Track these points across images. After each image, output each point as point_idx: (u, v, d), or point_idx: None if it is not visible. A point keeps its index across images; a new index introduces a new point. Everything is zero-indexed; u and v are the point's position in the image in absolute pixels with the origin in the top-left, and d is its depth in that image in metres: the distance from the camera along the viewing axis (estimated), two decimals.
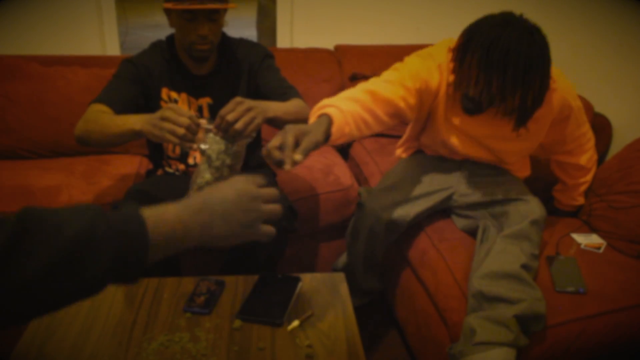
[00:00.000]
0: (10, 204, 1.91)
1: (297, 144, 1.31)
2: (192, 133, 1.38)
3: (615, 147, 2.36)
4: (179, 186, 1.75)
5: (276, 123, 1.58)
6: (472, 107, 1.66)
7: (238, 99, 1.42)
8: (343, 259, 1.99)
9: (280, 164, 1.29)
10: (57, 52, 2.61)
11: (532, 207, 1.70)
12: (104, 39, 2.73)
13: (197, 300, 1.43)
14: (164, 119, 1.37)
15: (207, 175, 1.44)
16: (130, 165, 2.22)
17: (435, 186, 1.87)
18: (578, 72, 2.56)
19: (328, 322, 1.38)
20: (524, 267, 1.56)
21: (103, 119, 1.57)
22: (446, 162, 1.93)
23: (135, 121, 1.47)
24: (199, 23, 1.63)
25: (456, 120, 1.76)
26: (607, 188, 1.94)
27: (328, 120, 1.42)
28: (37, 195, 1.95)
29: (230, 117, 1.38)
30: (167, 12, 1.70)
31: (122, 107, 1.63)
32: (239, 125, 1.38)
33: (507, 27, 1.47)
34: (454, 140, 1.81)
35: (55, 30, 2.64)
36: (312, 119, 1.46)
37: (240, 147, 1.46)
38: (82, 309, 1.40)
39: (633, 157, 1.93)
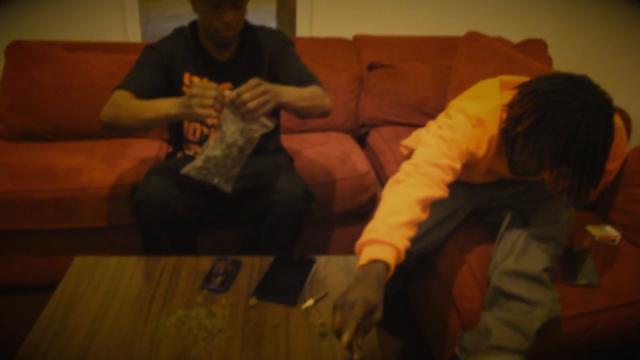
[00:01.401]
0: (34, 183, 1.96)
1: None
2: (219, 103, 1.43)
3: (635, 141, 2.35)
4: None
5: (290, 108, 1.60)
6: (523, 173, 1.56)
7: (257, 79, 1.45)
8: None
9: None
10: (80, 38, 2.66)
11: (563, 205, 1.67)
12: (125, 26, 2.77)
13: (214, 279, 1.46)
14: (192, 96, 1.42)
15: (217, 151, 1.47)
16: (150, 149, 2.26)
17: (458, 203, 1.76)
18: (598, 66, 2.54)
19: None
20: (546, 269, 1.54)
21: (134, 104, 1.60)
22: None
23: (169, 106, 1.51)
24: (224, 10, 1.65)
25: (498, 169, 1.63)
26: (625, 180, 1.93)
27: (385, 270, 1.19)
28: (59, 176, 1.99)
29: (245, 96, 1.41)
30: None
31: (145, 93, 1.66)
32: (252, 104, 1.41)
33: (586, 111, 1.28)
34: (487, 178, 1.71)
35: (79, 16, 2.69)
36: (362, 256, 1.22)
37: (255, 134, 1.48)
38: (102, 284, 1.44)
39: None
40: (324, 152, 2.26)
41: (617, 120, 1.49)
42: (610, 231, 1.87)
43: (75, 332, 1.26)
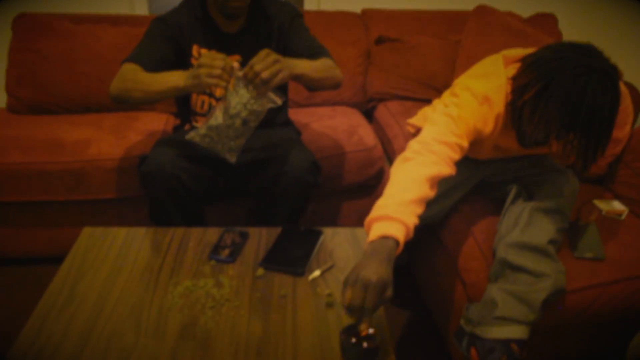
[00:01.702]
0: (43, 155, 1.97)
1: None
2: (227, 73, 1.41)
3: None
4: None
5: (304, 81, 1.59)
6: (532, 144, 1.55)
7: (267, 50, 1.44)
8: None
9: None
10: (87, 10, 2.64)
11: (567, 178, 1.67)
12: None
13: (222, 250, 1.47)
14: (200, 66, 1.41)
15: (220, 120, 1.47)
16: (157, 122, 2.26)
17: (464, 174, 1.74)
18: (609, 41, 2.51)
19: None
20: (552, 242, 1.54)
21: (143, 77, 1.59)
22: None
23: (177, 78, 1.50)
24: None
25: (504, 145, 1.65)
26: (634, 155, 1.92)
27: (395, 246, 1.19)
28: (67, 148, 2.00)
29: (257, 66, 1.40)
30: None
31: (154, 66, 1.65)
32: (265, 74, 1.40)
33: (591, 76, 1.28)
34: (493, 154, 1.72)
35: None
36: (371, 232, 1.22)
37: (261, 107, 1.47)
38: (110, 254, 1.45)
39: None
40: (331, 125, 2.26)
41: (622, 86, 1.45)
42: (618, 206, 1.86)
43: (84, 301, 1.27)
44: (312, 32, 1.88)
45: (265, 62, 1.41)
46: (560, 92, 1.30)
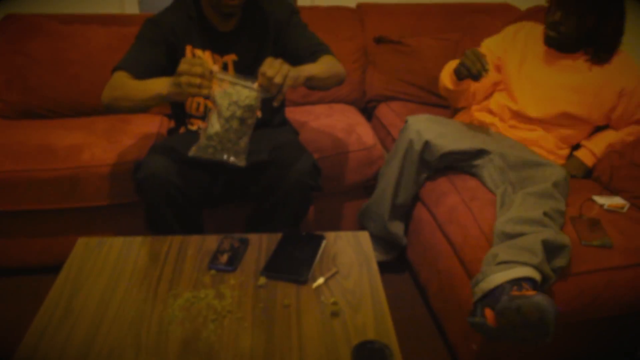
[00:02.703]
0: (34, 162, 1.91)
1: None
2: (207, 79, 1.36)
3: None
4: None
5: (314, 82, 1.56)
6: (554, 35, 1.85)
7: (271, 57, 1.41)
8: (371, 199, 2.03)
9: None
10: (76, 10, 2.58)
11: (556, 170, 1.68)
12: None
13: (221, 258, 1.43)
14: (179, 73, 1.35)
15: (217, 126, 1.42)
16: (151, 124, 2.20)
17: (480, 136, 1.91)
18: None
19: (353, 280, 1.37)
20: (547, 214, 1.55)
21: (129, 86, 1.55)
22: (494, 132, 2.00)
23: (161, 86, 1.46)
24: None
25: (533, 62, 1.95)
26: (632, 146, 1.90)
27: None
28: (60, 154, 1.95)
29: (270, 72, 1.36)
30: None
31: (145, 72, 1.60)
32: (278, 79, 1.36)
33: None
34: (524, 97, 1.95)
35: None
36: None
37: (254, 101, 1.42)
38: (107, 265, 1.41)
39: None
40: (329, 124, 2.21)
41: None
42: (618, 200, 1.84)
43: (82, 317, 1.23)
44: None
45: (274, 66, 1.37)
46: None
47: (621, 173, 1.88)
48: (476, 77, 1.76)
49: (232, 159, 1.47)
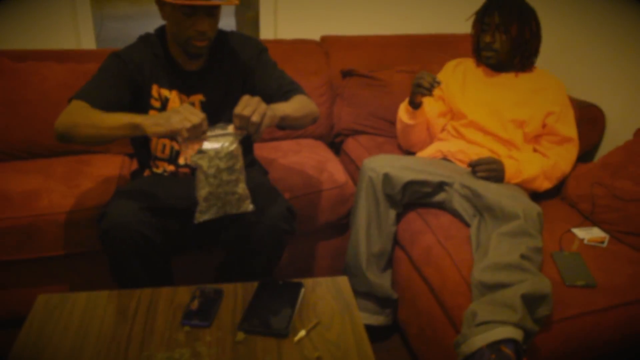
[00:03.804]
0: None
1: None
2: (203, 129, 1.33)
3: (608, 137, 2.33)
4: (174, 187, 1.66)
5: (288, 122, 1.51)
6: (492, 54, 2.02)
7: (247, 95, 1.36)
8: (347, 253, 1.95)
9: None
10: (29, 46, 2.48)
11: (526, 202, 1.66)
12: (78, 31, 2.59)
13: (195, 312, 1.34)
14: (175, 112, 1.32)
15: (207, 187, 1.36)
16: (112, 166, 2.11)
17: (438, 169, 1.92)
18: (571, 63, 2.51)
19: (336, 331, 1.31)
20: (524, 257, 1.52)
21: (93, 113, 1.46)
22: (454, 165, 2.02)
23: (133, 115, 1.39)
24: (199, 18, 1.52)
25: (474, 85, 2.10)
26: (612, 174, 1.89)
27: None
28: (15, 201, 1.83)
29: (246, 111, 1.31)
30: (160, 3, 1.57)
31: (107, 107, 1.50)
32: (255, 117, 1.31)
33: None
34: (473, 113, 2.05)
35: (27, 23, 2.50)
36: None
37: (233, 147, 1.36)
38: (70, 325, 1.31)
39: None
40: (298, 161, 2.16)
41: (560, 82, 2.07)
42: (598, 233, 1.84)
43: None
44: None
45: (251, 104, 1.32)
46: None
47: (602, 202, 1.89)
48: (429, 90, 1.90)
49: (237, 209, 1.42)
